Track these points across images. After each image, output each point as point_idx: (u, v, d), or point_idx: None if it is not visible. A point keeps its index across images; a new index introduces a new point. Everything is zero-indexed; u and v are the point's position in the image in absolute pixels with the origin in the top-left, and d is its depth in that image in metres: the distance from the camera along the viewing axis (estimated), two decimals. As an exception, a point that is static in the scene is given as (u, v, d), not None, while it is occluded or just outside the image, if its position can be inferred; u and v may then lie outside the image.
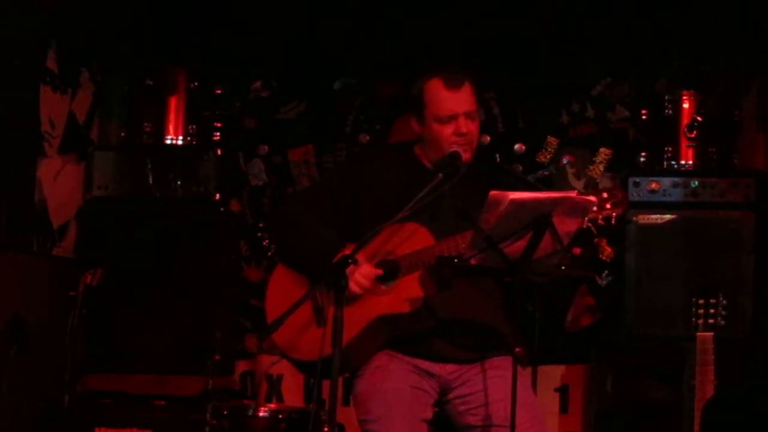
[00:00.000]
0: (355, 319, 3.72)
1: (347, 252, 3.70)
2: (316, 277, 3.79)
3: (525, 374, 3.93)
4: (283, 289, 3.93)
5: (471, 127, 3.85)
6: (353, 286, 3.71)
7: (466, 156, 3.86)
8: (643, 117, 5.99)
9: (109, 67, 6.17)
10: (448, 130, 3.84)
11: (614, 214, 3.73)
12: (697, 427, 4.57)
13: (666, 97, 5.86)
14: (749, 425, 3.89)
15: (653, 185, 5.51)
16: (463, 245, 3.68)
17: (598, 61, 5.99)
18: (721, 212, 5.44)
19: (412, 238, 3.78)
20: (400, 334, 3.81)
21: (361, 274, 3.75)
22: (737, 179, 5.47)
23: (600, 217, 3.73)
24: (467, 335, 3.83)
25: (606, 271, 5.88)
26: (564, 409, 5.79)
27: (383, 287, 3.80)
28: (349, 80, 6.26)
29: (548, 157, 6.06)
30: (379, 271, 3.77)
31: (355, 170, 4.02)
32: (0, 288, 5.05)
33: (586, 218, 3.68)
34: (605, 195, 3.74)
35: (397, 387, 3.81)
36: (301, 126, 6.28)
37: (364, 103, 6.24)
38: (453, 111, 3.83)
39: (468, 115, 3.85)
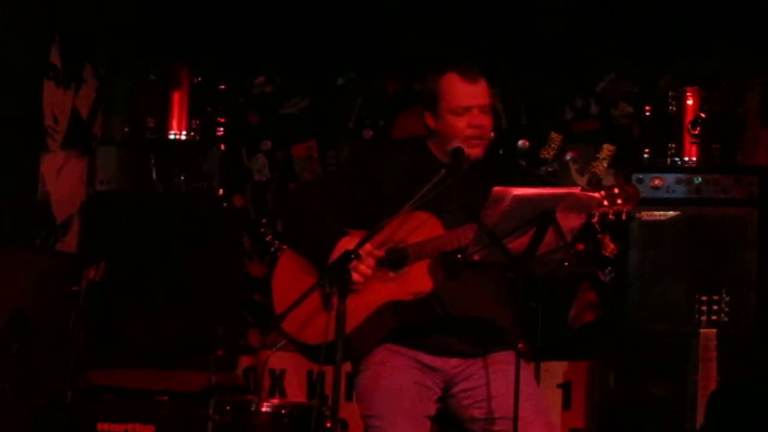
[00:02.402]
0: (362, 306, 3.72)
1: (348, 239, 3.71)
2: (319, 264, 3.80)
3: (528, 368, 3.93)
4: (289, 276, 3.92)
5: (485, 120, 3.85)
6: (355, 275, 3.70)
7: (477, 151, 3.85)
8: (647, 113, 5.98)
9: (113, 62, 6.18)
10: (462, 123, 3.84)
11: (625, 209, 3.72)
12: (700, 418, 4.58)
13: (670, 94, 5.85)
14: (754, 414, 3.89)
15: (657, 182, 5.50)
16: (471, 237, 3.67)
17: (602, 57, 5.99)
18: (725, 209, 5.44)
19: (423, 227, 3.78)
20: (406, 323, 3.80)
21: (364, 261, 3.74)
22: (740, 176, 5.47)
23: (611, 212, 3.72)
24: (471, 329, 3.83)
25: (609, 268, 5.87)
26: (566, 405, 5.79)
27: (391, 274, 3.79)
28: (352, 76, 6.26)
29: (552, 153, 6.06)
30: (380, 253, 3.77)
31: (371, 161, 4.01)
32: (3, 283, 5.06)
33: (597, 213, 3.67)
34: (616, 190, 3.73)
35: (401, 383, 3.80)
36: (304, 121, 6.29)
37: (367, 98, 6.24)
38: (469, 103, 3.83)
39: (482, 109, 3.84)
